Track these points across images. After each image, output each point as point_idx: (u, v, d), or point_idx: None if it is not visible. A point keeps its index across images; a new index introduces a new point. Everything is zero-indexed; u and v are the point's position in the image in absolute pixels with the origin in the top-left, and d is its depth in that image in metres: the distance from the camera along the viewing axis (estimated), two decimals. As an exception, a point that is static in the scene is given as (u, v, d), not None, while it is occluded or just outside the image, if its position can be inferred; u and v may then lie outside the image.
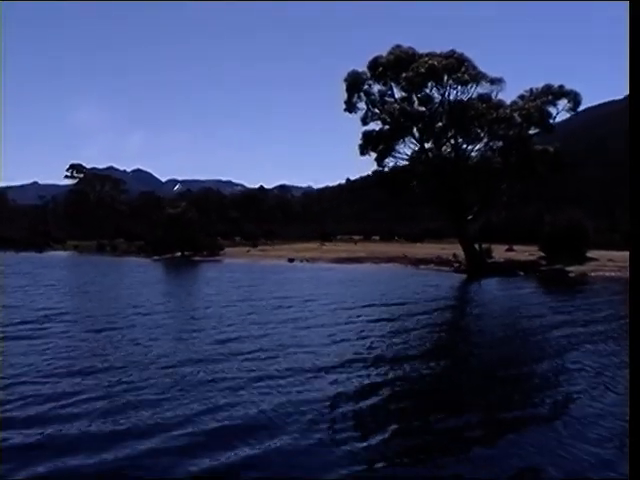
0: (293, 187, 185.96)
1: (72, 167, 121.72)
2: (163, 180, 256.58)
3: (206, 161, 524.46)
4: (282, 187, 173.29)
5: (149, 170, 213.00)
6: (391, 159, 50.97)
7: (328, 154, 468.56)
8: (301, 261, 63.79)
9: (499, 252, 59.36)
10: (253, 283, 40.79)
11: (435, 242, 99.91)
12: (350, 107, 51.75)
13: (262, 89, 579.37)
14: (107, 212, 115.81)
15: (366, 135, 50.56)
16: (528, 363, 16.56)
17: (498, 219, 69.73)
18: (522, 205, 67.93)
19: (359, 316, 24.80)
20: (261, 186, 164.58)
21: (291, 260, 63.92)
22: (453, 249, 61.28)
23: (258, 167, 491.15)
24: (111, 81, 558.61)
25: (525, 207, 73.79)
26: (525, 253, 58.83)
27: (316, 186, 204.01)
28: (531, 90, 50.19)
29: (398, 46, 51.36)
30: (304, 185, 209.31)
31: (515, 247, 65.21)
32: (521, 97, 50.46)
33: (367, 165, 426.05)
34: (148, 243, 72.97)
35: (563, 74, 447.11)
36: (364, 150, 50.55)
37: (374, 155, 51.09)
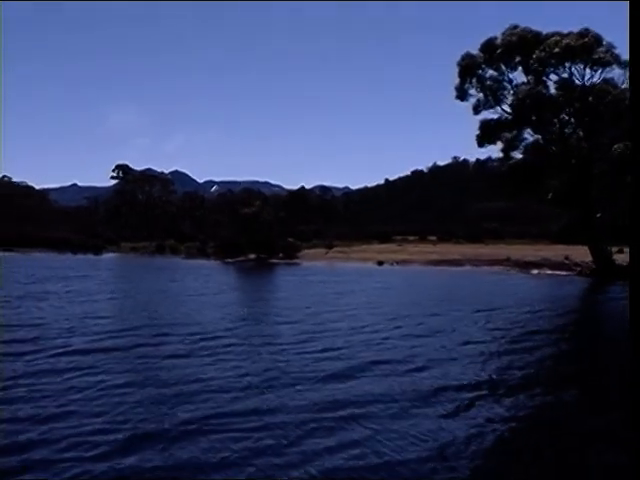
0: (331, 188, 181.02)
1: (118, 168, 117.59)
2: (200, 181, 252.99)
3: (242, 162, 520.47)
4: (323, 188, 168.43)
5: (186, 171, 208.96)
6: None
7: (366, 154, 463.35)
8: (391, 264, 59.03)
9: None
10: (376, 292, 36.27)
11: (497, 242, 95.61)
12: (462, 94, 47.04)
13: (296, 91, 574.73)
14: (156, 213, 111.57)
15: (485, 125, 45.71)
16: None
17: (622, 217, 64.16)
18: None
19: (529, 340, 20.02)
20: (302, 187, 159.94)
21: (380, 263, 59.17)
22: (543, 250, 56.82)
23: (294, 168, 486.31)
24: (149, 84, 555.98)
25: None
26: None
27: (354, 187, 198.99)
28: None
29: (515, 26, 46.48)
30: (341, 186, 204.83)
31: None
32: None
33: (405, 165, 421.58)
34: (219, 245, 68.20)
35: None
36: (483, 141, 45.67)
37: (490, 146, 46.20)
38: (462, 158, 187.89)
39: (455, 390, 13.14)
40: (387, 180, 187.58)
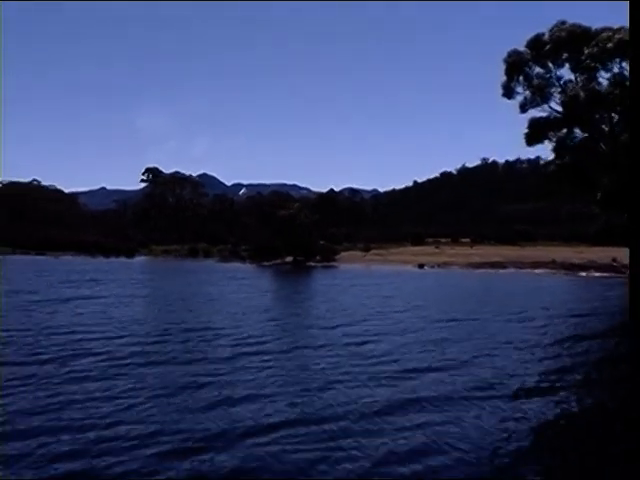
0: (360, 190, 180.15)
1: (148, 171, 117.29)
2: (228, 184, 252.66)
3: (270, 165, 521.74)
4: (352, 190, 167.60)
5: (214, 174, 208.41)
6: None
7: (394, 156, 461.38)
8: (432, 267, 57.82)
9: None
10: (422, 295, 35.11)
11: (530, 244, 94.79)
12: (508, 92, 45.80)
13: (324, 93, 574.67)
14: (187, 215, 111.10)
15: (534, 123, 44.39)
16: None
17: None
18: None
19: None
20: (331, 189, 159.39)
21: (421, 266, 57.97)
22: (585, 252, 55.32)
23: (322, 171, 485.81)
24: (177, 87, 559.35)
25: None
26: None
27: (382, 189, 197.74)
28: None
29: (563, 22, 45.15)
30: (370, 188, 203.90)
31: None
32: None
33: (434, 167, 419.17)
34: (254, 248, 67.36)
35: None
36: (532, 140, 44.36)
37: (539, 145, 44.79)
38: (491, 159, 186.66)
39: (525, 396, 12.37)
40: (416, 182, 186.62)
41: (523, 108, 45.72)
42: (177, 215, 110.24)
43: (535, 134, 44.14)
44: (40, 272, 49.81)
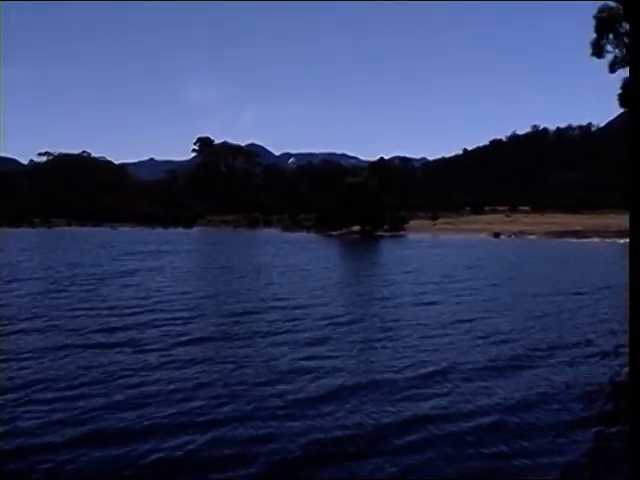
0: (409, 159, 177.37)
1: (200, 141, 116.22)
2: (277, 154, 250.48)
3: (318, 134, 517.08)
4: (403, 159, 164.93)
5: (262, 144, 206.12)
6: None
7: (443, 124, 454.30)
8: (509, 236, 55.82)
9: None
10: (513, 268, 33.30)
11: (594, 212, 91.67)
12: (598, 50, 43.31)
13: (372, 62, 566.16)
14: (239, 185, 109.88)
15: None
16: None
17: None
18: None
19: None
20: (381, 158, 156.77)
21: (497, 235, 56.00)
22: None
23: (371, 139, 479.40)
24: (223, 56, 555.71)
25: None
26: None
27: (431, 157, 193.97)
28: None
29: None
30: (418, 157, 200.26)
31: None
32: None
33: (484, 134, 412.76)
34: (320, 217, 65.84)
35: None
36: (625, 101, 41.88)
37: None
38: (542, 127, 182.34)
39: None
40: (465, 150, 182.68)
41: (612, 68, 43.32)
42: (230, 185, 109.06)
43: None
44: (107, 244, 49.15)
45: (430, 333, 14.33)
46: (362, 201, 59.67)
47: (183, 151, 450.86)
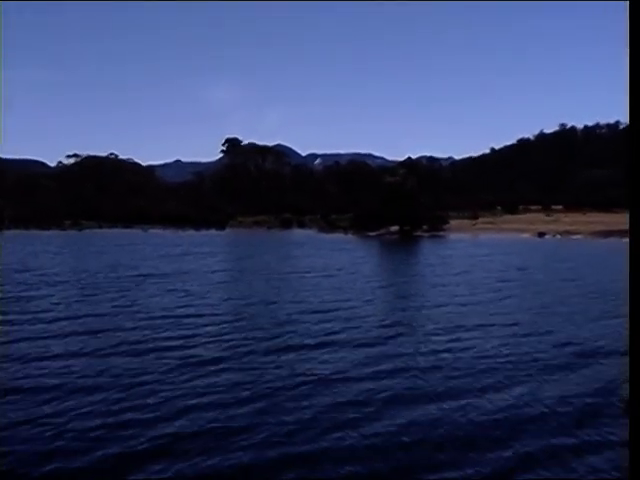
0: (436, 158, 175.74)
1: (228, 141, 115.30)
2: (303, 154, 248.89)
3: (344, 134, 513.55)
4: (430, 158, 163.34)
5: (289, 145, 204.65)
6: None
7: (469, 123, 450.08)
8: (553, 235, 54.23)
9: None
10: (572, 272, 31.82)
11: (625, 211, 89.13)
12: None
13: (396, 61, 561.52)
14: (269, 185, 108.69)
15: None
16: None
17: None
18: None
19: None
20: (409, 157, 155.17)
21: (541, 234, 54.43)
22: None
23: (397, 139, 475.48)
24: (249, 57, 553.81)
25: None
26: None
27: (458, 156, 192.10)
28: None
29: None
30: (445, 156, 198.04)
31: None
32: None
33: (511, 133, 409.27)
34: (357, 217, 64.52)
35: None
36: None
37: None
38: (569, 125, 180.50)
39: None
40: (493, 149, 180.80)
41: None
42: (259, 185, 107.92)
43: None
44: (135, 246, 48.29)
45: (507, 341, 13.62)
46: (401, 201, 58.27)
47: (210, 152, 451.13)
